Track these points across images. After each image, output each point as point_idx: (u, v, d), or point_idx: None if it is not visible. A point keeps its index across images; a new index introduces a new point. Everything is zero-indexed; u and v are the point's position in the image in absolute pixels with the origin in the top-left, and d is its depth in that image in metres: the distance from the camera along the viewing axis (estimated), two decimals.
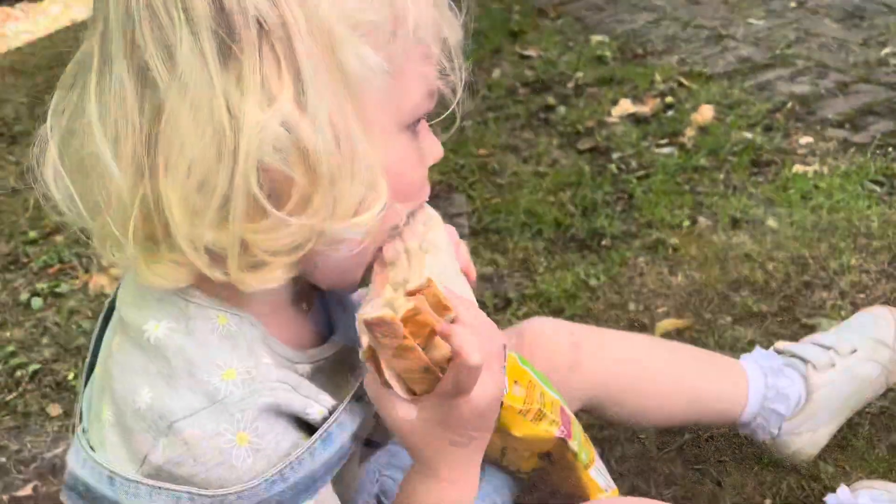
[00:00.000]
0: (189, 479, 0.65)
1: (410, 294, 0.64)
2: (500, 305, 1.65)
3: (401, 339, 0.63)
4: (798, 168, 1.92)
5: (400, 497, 0.77)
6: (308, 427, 0.70)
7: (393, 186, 0.66)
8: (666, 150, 2.16)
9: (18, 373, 1.68)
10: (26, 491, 1.36)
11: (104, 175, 0.62)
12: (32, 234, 2.28)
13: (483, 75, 2.81)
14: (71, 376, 1.65)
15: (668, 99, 2.42)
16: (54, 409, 1.56)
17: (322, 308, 0.81)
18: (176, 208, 0.60)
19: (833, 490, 1.09)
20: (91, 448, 0.69)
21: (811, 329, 1.42)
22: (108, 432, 0.67)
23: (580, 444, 0.93)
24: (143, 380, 0.66)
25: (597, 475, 0.93)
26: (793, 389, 1.11)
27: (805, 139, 2.07)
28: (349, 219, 0.63)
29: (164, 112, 0.59)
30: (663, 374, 1.09)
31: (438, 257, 0.69)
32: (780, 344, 1.18)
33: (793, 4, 3.02)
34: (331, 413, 0.71)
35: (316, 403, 0.70)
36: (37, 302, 1.94)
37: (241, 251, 0.62)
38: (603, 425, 1.28)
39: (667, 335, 1.48)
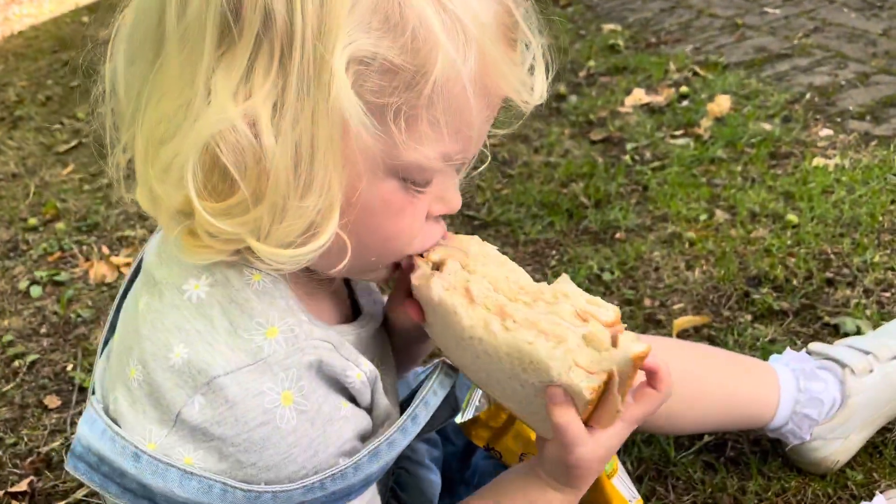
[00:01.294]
0: (228, 439, 0.62)
1: (611, 325, 0.65)
2: None
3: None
4: (818, 161, 1.87)
5: None
6: (345, 392, 0.69)
7: (357, 224, 0.63)
8: (681, 141, 2.10)
9: (16, 363, 1.64)
10: (21, 487, 1.31)
11: (114, 97, 0.65)
12: (33, 221, 2.24)
13: None
14: (70, 367, 1.61)
15: (683, 89, 2.37)
16: (52, 401, 1.52)
17: (347, 290, 0.81)
18: (138, 153, 0.62)
19: (863, 499, 1.05)
20: (114, 421, 0.65)
21: (834, 328, 1.37)
22: (136, 392, 0.64)
23: None
24: (179, 337, 0.63)
25: (620, 485, 0.88)
26: (827, 394, 1.06)
27: (825, 131, 2.01)
28: (279, 248, 0.60)
29: (160, 57, 0.60)
30: (691, 379, 1.04)
31: (566, 281, 0.69)
32: (814, 345, 1.13)
33: None
34: (368, 378, 0.70)
35: (355, 367, 0.68)
36: (36, 290, 1.90)
37: (184, 216, 0.62)
38: None
39: (684, 333, 1.43)
